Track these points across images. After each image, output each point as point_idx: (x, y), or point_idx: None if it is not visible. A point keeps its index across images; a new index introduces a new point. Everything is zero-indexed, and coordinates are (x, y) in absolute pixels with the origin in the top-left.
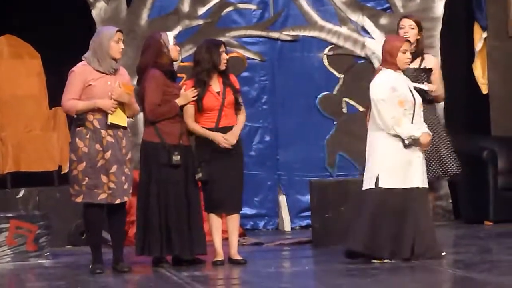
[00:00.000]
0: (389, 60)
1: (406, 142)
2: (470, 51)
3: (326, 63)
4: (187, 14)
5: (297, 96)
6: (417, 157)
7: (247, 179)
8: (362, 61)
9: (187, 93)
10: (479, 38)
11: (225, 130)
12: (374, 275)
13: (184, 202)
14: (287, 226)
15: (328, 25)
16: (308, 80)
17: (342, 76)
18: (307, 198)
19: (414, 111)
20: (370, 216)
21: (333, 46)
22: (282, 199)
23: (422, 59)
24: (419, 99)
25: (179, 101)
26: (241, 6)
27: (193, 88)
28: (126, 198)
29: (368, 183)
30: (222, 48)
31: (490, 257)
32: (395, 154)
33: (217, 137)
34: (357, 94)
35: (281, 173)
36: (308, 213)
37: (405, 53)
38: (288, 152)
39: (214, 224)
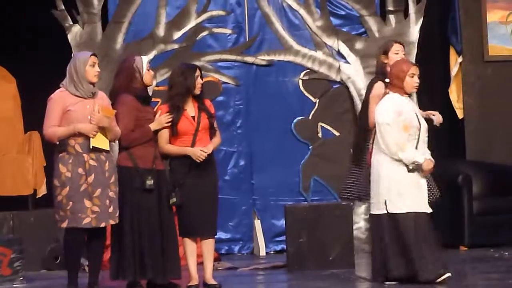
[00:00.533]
0: (396, 84)
1: (410, 167)
2: (446, 75)
3: (301, 87)
4: (162, 38)
5: (272, 121)
6: (423, 181)
7: (222, 204)
8: (338, 85)
9: (161, 118)
10: (455, 62)
11: None
12: None
13: (158, 226)
14: (262, 250)
15: (304, 50)
16: (283, 104)
17: (317, 100)
18: (281, 222)
19: (419, 136)
20: (390, 242)
21: (308, 70)
22: (257, 223)
23: None
24: (424, 125)
25: (152, 126)
26: (216, 30)
27: (167, 113)
28: (112, 222)
29: (376, 208)
30: (197, 73)
31: (466, 282)
32: (401, 178)
33: (194, 151)
34: (332, 118)
35: (256, 198)
36: (283, 237)
37: (412, 77)
38: (263, 176)
39: (189, 248)
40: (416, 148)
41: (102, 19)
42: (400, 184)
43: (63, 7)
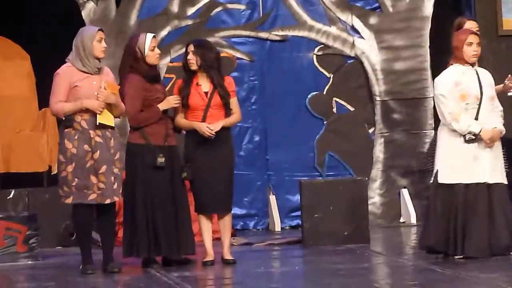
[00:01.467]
0: (457, 55)
1: (467, 137)
2: None
3: (315, 63)
4: (176, 14)
5: (287, 96)
6: (484, 152)
7: (237, 180)
8: (352, 60)
9: (169, 98)
10: None
11: None
12: (362, 275)
13: (171, 203)
14: (277, 226)
15: (318, 25)
16: (297, 80)
17: (332, 76)
18: (297, 198)
19: (479, 105)
20: (432, 212)
21: (322, 46)
22: (272, 199)
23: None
24: (489, 93)
25: (161, 106)
26: (230, 6)
27: (177, 96)
28: (116, 198)
29: (432, 178)
30: (189, 48)
31: None
32: (456, 149)
33: (200, 126)
34: (347, 94)
35: (271, 173)
36: (298, 213)
37: (470, 45)
38: (277, 152)
39: (204, 225)
40: (477, 118)
41: None
42: (452, 155)
43: None
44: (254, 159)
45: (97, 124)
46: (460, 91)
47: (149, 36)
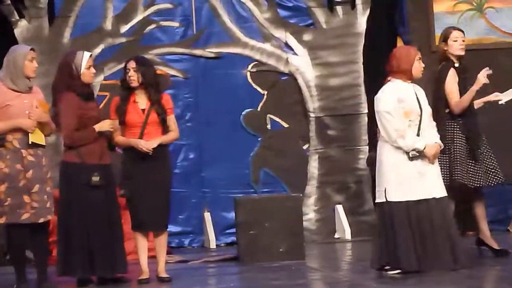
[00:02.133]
0: (403, 69)
1: (410, 155)
2: None
3: (249, 79)
4: (110, 32)
5: (221, 113)
6: (428, 168)
7: (172, 197)
8: (286, 77)
9: (105, 122)
10: None
11: None
12: None
13: (105, 221)
14: (212, 243)
15: (252, 42)
16: (232, 97)
17: (266, 92)
18: (232, 215)
19: (420, 121)
20: (386, 231)
21: (256, 62)
22: (207, 216)
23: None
24: (427, 110)
25: (97, 127)
26: (164, 23)
27: (113, 121)
28: (49, 217)
29: (379, 197)
30: (130, 65)
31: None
32: (402, 166)
33: (137, 142)
34: (281, 110)
35: (206, 191)
36: (233, 230)
37: (419, 61)
38: (212, 169)
39: (140, 242)
40: (418, 134)
41: (49, 14)
42: (399, 172)
43: (9, 2)
44: (189, 176)
45: (29, 143)
46: (403, 108)
47: (86, 54)
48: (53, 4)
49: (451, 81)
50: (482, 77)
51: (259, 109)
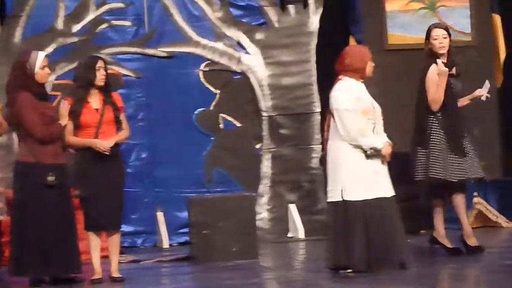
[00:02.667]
0: (356, 68)
1: (368, 153)
2: None
3: (202, 79)
4: (62, 31)
5: (174, 113)
6: (381, 167)
7: (125, 197)
8: (238, 76)
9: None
10: None
11: None
12: None
13: (60, 221)
14: (166, 243)
15: (204, 41)
16: (184, 96)
17: (219, 92)
18: (185, 214)
19: (375, 120)
20: (340, 230)
21: (209, 62)
22: (160, 216)
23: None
24: (379, 109)
25: (62, 122)
26: (116, 23)
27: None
28: (1, 217)
29: (333, 196)
30: (99, 64)
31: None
32: (360, 165)
33: (95, 142)
34: (234, 109)
35: (159, 190)
36: (186, 229)
37: (371, 61)
38: (165, 169)
39: (93, 242)
40: (374, 132)
41: (0, 14)
42: (357, 171)
43: None
44: (141, 176)
45: None
46: (361, 106)
47: (41, 54)
48: (4, 4)
49: (430, 77)
50: (479, 92)
51: (211, 108)
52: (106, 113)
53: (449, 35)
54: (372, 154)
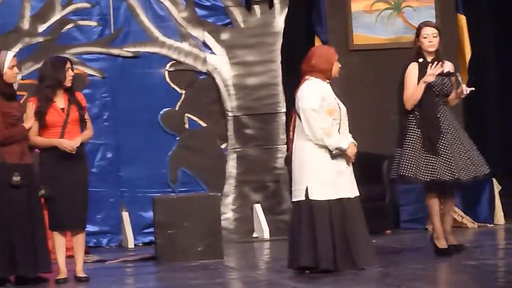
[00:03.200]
0: (322, 69)
1: (334, 152)
2: None
3: (167, 79)
4: (27, 31)
5: (139, 113)
6: (345, 167)
7: (90, 196)
8: (204, 76)
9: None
10: None
11: None
12: None
13: (27, 221)
14: (131, 243)
15: (169, 41)
16: (150, 96)
17: (184, 92)
18: (150, 214)
19: (340, 120)
20: (305, 230)
21: (174, 62)
22: (125, 215)
23: (443, 64)
24: (344, 108)
25: (27, 125)
26: (81, 23)
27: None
28: None
29: (298, 195)
30: (68, 65)
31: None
32: (325, 165)
33: (61, 142)
34: (199, 109)
35: (124, 190)
36: (152, 229)
37: (337, 62)
38: (130, 168)
39: (58, 242)
40: (339, 132)
41: None
42: (322, 171)
43: None
44: (106, 175)
45: None
46: (327, 106)
47: (10, 54)
48: None
49: (408, 75)
50: (462, 88)
51: (177, 108)
52: (72, 112)
53: (440, 34)
54: (337, 154)
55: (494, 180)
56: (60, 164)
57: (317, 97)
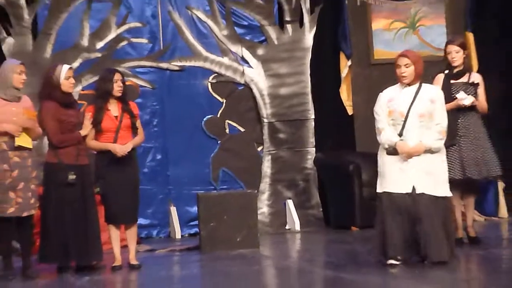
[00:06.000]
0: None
1: (387, 148)
2: (337, 77)
3: (210, 89)
4: (86, 48)
5: (185, 119)
6: (410, 164)
7: (141, 194)
8: (242, 87)
9: (87, 124)
10: (345, 65)
11: None
12: (252, 276)
13: (81, 215)
14: (178, 234)
15: (211, 56)
16: (194, 105)
17: (224, 101)
18: (194, 209)
19: (405, 121)
20: (376, 219)
21: (216, 74)
22: (173, 210)
23: (470, 75)
24: (416, 112)
25: (82, 132)
26: (134, 40)
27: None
28: (33, 211)
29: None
30: (116, 77)
31: (357, 259)
32: (383, 160)
33: (114, 146)
34: (238, 116)
35: (171, 188)
36: (196, 222)
37: (399, 67)
38: (177, 168)
39: (113, 234)
40: (402, 133)
41: (32, 32)
42: (382, 165)
43: None
44: (156, 175)
45: (15, 146)
46: (389, 107)
47: (66, 67)
48: (36, 23)
49: (435, 84)
50: (458, 101)
51: (218, 115)
52: (124, 120)
53: (463, 48)
54: (390, 151)
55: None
56: (113, 165)
57: (383, 99)
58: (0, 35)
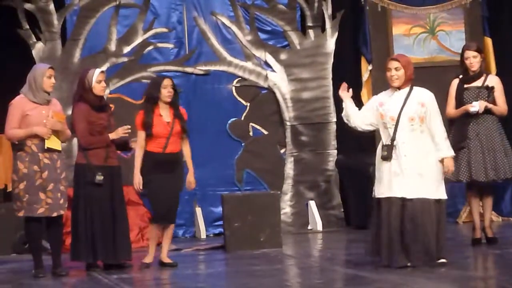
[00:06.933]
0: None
1: (381, 155)
2: (358, 81)
3: (234, 93)
4: (114, 52)
5: (210, 122)
6: (406, 169)
7: None
8: (265, 91)
9: (118, 130)
10: (366, 70)
11: (170, 155)
12: (275, 275)
13: (109, 215)
14: (203, 234)
15: (236, 61)
16: (219, 108)
17: (248, 104)
18: (219, 209)
19: (396, 125)
20: (371, 222)
21: (240, 78)
22: (198, 210)
23: (486, 78)
24: (407, 114)
25: (112, 136)
26: (160, 45)
27: (126, 126)
28: (62, 212)
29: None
30: (166, 83)
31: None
32: (378, 165)
33: (135, 180)
34: (262, 119)
35: (196, 188)
36: (220, 222)
37: (389, 71)
38: (202, 170)
39: (154, 233)
40: (394, 137)
41: (61, 37)
42: (378, 170)
43: (27, 27)
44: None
45: (45, 148)
46: (381, 111)
47: (97, 70)
48: (65, 29)
49: (450, 89)
50: (467, 107)
51: (242, 118)
52: (175, 126)
53: (480, 53)
54: (383, 156)
55: None
56: (160, 169)
57: (374, 102)
58: (30, 40)
